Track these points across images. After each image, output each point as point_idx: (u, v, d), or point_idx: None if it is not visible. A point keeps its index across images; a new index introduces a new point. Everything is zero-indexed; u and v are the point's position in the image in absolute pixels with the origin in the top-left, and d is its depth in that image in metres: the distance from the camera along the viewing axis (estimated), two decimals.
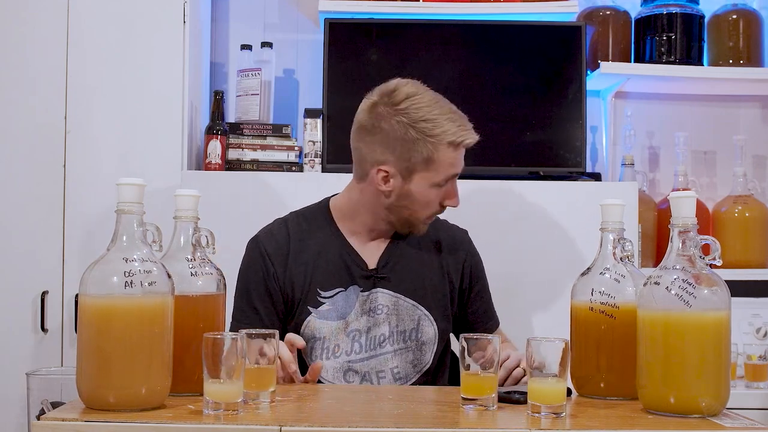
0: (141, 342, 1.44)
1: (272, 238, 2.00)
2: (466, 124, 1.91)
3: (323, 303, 1.95)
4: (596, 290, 1.64)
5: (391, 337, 1.95)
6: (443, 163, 1.89)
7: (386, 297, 1.96)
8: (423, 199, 1.92)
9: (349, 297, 1.95)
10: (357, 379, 1.94)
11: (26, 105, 2.62)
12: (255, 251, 2.00)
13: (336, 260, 1.97)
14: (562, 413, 1.44)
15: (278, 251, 1.98)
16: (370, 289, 1.96)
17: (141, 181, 1.51)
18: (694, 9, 2.92)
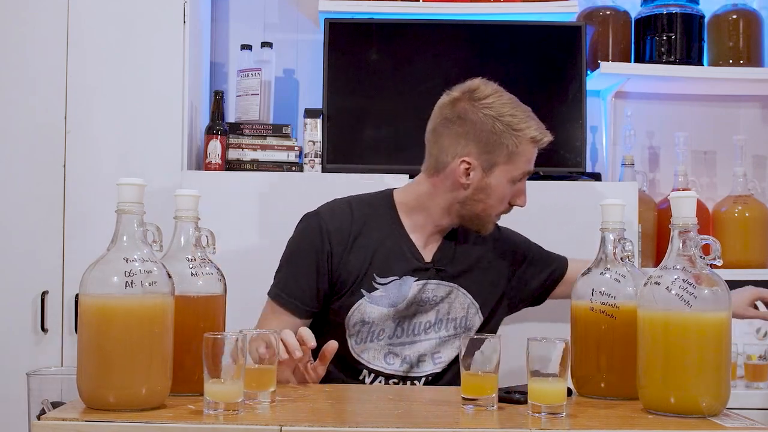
0: (141, 342, 1.44)
1: (335, 217, 2.02)
2: (542, 124, 1.98)
3: (377, 289, 1.98)
4: (596, 290, 1.64)
5: (438, 323, 2.00)
6: (523, 158, 1.96)
7: (441, 288, 2.00)
8: (499, 193, 1.98)
9: (402, 286, 1.98)
10: (397, 362, 1.98)
11: (26, 105, 2.62)
12: (314, 226, 2.01)
13: (395, 250, 2.00)
14: (562, 413, 1.44)
15: (340, 231, 2.00)
16: (426, 279, 2.00)
17: (141, 181, 1.51)
18: (694, 9, 2.92)
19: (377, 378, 1.98)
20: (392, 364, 1.98)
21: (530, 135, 1.95)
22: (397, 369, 1.98)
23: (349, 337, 1.98)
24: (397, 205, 2.06)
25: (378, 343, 1.97)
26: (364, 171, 2.60)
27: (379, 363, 1.97)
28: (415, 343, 1.99)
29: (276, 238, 2.12)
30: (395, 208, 2.05)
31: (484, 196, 1.97)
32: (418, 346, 1.99)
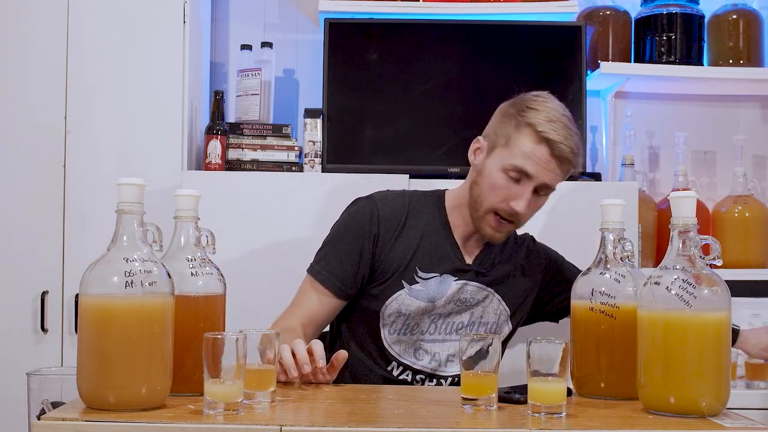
0: (141, 342, 1.44)
1: (387, 203, 2.02)
2: (563, 132, 1.89)
3: (418, 282, 1.98)
4: (596, 290, 1.64)
5: (470, 326, 2.01)
6: (519, 148, 1.90)
7: (479, 291, 2.01)
8: (490, 179, 1.93)
9: (442, 284, 1.99)
10: (426, 358, 1.99)
11: (26, 105, 2.62)
12: (366, 209, 2.01)
13: (440, 247, 2.01)
14: (562, 413, 1.44)
15: (392, 217, 2.01)
16: (465, 281, 2.00)
17: (141, 181, 1.51)
18: (694, 9, 2.92)
19: (405, 371, 1.99)
20: (421, 360, 1.99)
21: (532, 125, 1.89)
22: (425, 365, 1.99)
23: (382, 327, 1.98)
24: (446, 201, 2.07)
25: (411, 337, 1.98)
26: (364, 171, 2.60)
27: (410, 358, 1.99)
28: (446, 342, 2.00)
29: (276, 238, 2.12)
30: (444, 206, 2.06)
31: (481, 179, 1.96)
32: (448, 346, 2.00)
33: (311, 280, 2.00)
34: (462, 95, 2.78)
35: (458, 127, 2.75)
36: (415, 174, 2.64)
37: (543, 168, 1.89)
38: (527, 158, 1.89)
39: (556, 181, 1.93)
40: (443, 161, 2.72)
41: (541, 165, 1.89)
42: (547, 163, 1.89)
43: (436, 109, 2.75)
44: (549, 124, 1.89)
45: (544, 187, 1.93)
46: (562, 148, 1.88)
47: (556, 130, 1.89)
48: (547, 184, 1.92)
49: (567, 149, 1.89)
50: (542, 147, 1.89)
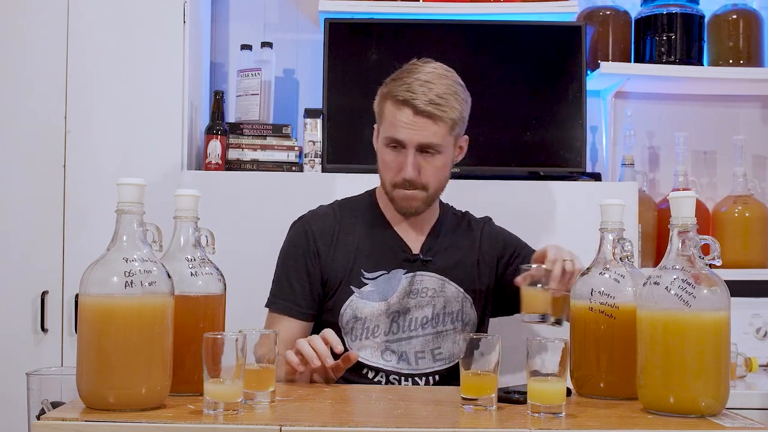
0: (141, 342, 1.44)
1: (319, 219, 2.06)
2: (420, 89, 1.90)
3: (366, 284, 1.99)
4: (596, 290, 1.64)
5: (435, 318, 2.00)
6: (386, 118, 1.95)
7: (432, 280, 2.00)
8: (380, 158, 1.99)
9: (392, 279, 1.99)
10: (394, 358, 1.98)
11: (26, 105, 2.61)
12: (300, 230, 2.06)
13: (381, 243, 2.02)
14: (562, 413, 1.44)
15: (324, 230, 2.03)
16: (415, 271, 2.00)
17: (141, 181, 1.51)
18: (694, 9, 2.92)
19: (378, 374, 1.98)
20: (390, 361, 1.98)
21: (390, 89, 1.93)
22: (395, 366, 1.98)
23: (345, 336, 1.98)
24: (378, 200, 2.07)
25: (374, 341, 1.98)
26: (364, 171, 2.60)
27: (378, 360, 1.97)
28: (412, 339, 1.99)
29: (276, 238, 2.12)
30: (377, 202, 2.07)
31: (379, 162, 2.00)
32: (414, 342, 1.99)
33: (271, 314, 2.02)
34: None
35: None
36: None
37: (410, 130, 1.91)
38: (394, 126, 1.92)
39: (437, 137, 1.92)
40: None
41: (407, 128, 1.91)
42: (413, 124, 1.90)
43: None
44: (404, 86, 1.91)
45: (427, 147, 1.92)
46: (420, 104, 1.89)
47: (411, 90, 1.90)
48: (427, 143, 1.91)
49: (426, 102, 1.89)
50: (403, 110, 1.91)
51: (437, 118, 1.90)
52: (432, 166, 1.95)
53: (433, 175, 1.96)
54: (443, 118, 1.91)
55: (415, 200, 1.98)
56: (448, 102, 1.92)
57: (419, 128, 1.90)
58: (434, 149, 1.93)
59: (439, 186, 2.00)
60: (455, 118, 1.93)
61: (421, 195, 1.97)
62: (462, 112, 1.96)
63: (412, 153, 1.92)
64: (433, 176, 1.96)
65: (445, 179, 2.02)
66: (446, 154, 1.97)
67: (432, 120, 1.90)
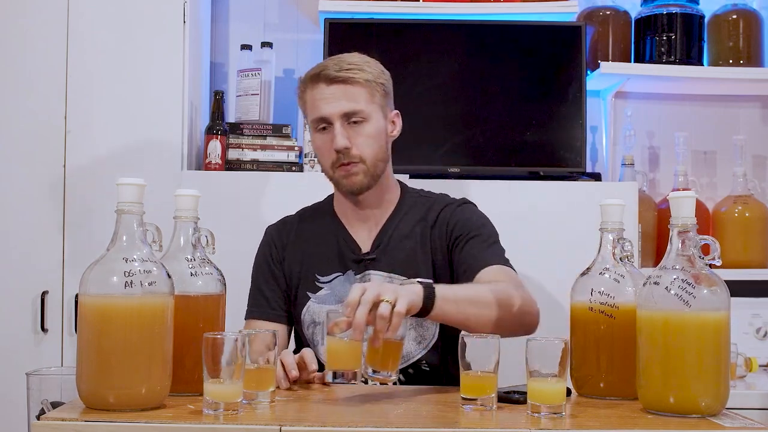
0: (141, 342, 1.44)
1: (278, 228, 2.08)
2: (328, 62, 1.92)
3: (321, 288, 1.98)
4: (596, 290, 1.64)
5: None
6: (307, 105, 1.94)
7: (380, 278, 1.95)
8: (315, 146, 1.98)
9: (347, 281, 1.97)
10: None
11: (26, 105, 2.62)
12: (264, 241, 2.08)
13: (332, 245, 2.00)
14: (562, 413, 1.44)
15: (282, 237, 2.05)
16: (363, 271, 1.96)
17: (141, 181, 1.51)
18: (694, 9, 2.92)
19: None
20: None
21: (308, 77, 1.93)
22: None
23: (309, 343, 1.98)
24: (334, 201, 2.06)
25: None
26: None
27: None
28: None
29: None
30: (333, 204, 2.06)
31: (317, 155, 2.00)
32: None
33: (248, 322, 2.01)
34: (462, 95, 2.78)
35: (458, 127, 2.75)
36: (415, 174, 2.65)
37: (328, 101, 1.90)
38: (315, 105, 1.92)
39: (357, 102, 1.90)
40: (443, 161, 2.72)
41: (325, 100, 1.90)
42: (330, 95, 1.90)
43: (436, 109, 2.75)
44: (316, 66, 1.94)
45: (351, 115, 1.90)
46: (330, 72, 1.90)
47: (321, 65, 1.93)
48: (348, 111, 1.89)
49: (337, 69, 1.90)
50: (317, 86, 1.91)
51: (352, 81, 1.90)
52: (362, 134, 1.91)
53: (366, 144, 1.92)
54: (357, 80, 1.90)
55: (356, 175, 1.92)
56: (360, 66, 1.92)
57: (337, 97, 1.90)
58: (359, 115, 1.90)
59: (376, 157, 1.93)
60: (370, 79, 1.92)
61: (361, 168, 1.92)
62: (379, 78, 1.94)
63: (339, 124, 1.89)
64: (366, 145, 1.92)
65: (382, 151, 1.95)
66: (374, 121, 1.93)
67: (347, 84, 1.90)
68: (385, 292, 1.53)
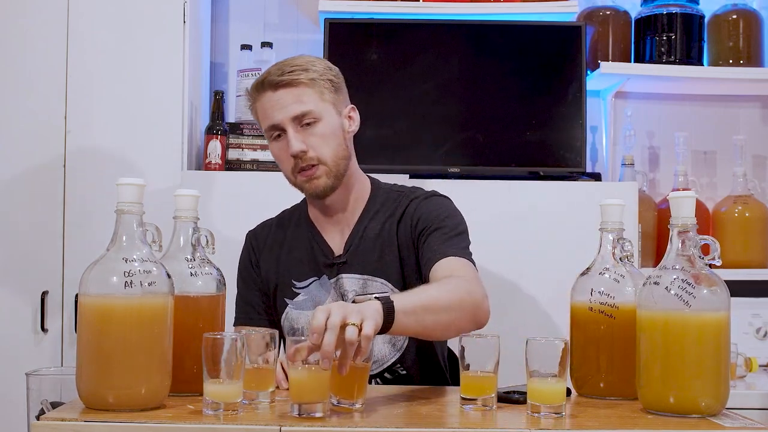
0: (141, 342, 1.44)
1: (257, 233, 2.07)
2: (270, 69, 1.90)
3: (298, 294, 1.96)
4: (596, 290, 1.64)
5: None
6: (258, 114, 1.92)
7: (352, 281, 1.93)
8: (273, 156, 1.96)
9: (323, 285, 1.95)
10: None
11: (26, 105, 2.61)
12: (245, 246, 2.08)
13: (306, 250, 1.98)
14: (562, 413, 1.44)
15: (260, 243, 2.04)
16: (336, 275, 1.94)
17: (141, 181, 1.51)
18: (694, 9, 2.92)
19: None
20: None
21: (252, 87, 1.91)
22: None
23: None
24: (308, 205, 2.03)
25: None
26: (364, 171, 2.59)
27: None
28: None
29: None
30: (306, 208, 2.04)
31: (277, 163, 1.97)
32: None
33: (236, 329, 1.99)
34: (462, 95, 2.78)
35: (458, 127, 2.75)
36: (414, 174, 2.65)
37: (276, 107, 1.87)
38: (264, 115, 1.90)
39: (305, 103, 1.87)
40: (443, 161, 2.72)
41: (273, 108, 1.88)
42: (277, 100, 1.87)
43: (436, 109, 2.75)
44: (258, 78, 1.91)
45: (301, 118, 1.87)
46: (274, 78, 1.87)
47: (263, 73, 1.90)
48: (298, 113, 1.86)
49: (279, 74, 1.87)
50: (263, 95, 1.89)
51: (297, 83, 1.87)
52: (316, 135, 1.87)
53: (322, 144, 1.88)
54: (302, 80, 1.87)
55: (318, 178, 1.89)
56: (303, 66, 1.89)
57: (285, 101, 1.87)
58: (310, 116, 1.87)
59: (336, 155, 1.89)
60: (316, 78, 1.88)
61: (323, 170, 1.89)
62: (324, 75, 1.90)
63: (291, 129, 1.86)
64: (323, 145, 1.88)
65: (342, 149, 1.91)
66: (328, 120, 1.89)
67: (292, 87, 1.87)
68: (351, 315, 1.44)
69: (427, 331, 1.67)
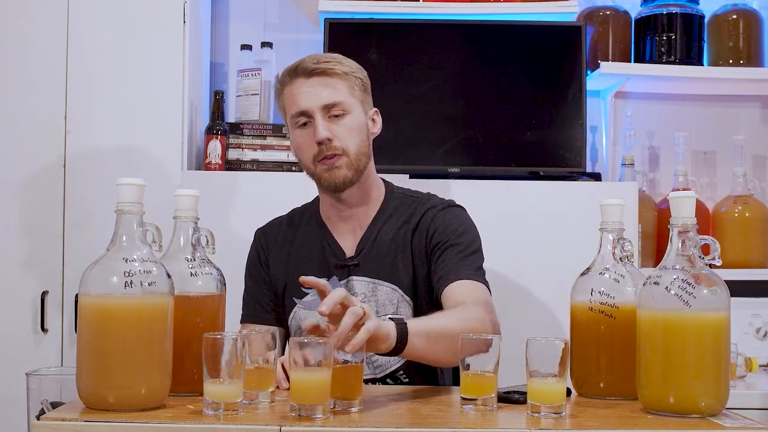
0: (141, 342, 1.44)
1: (267, 231, 2.07)
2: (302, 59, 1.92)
3: (307, 293, 1.94)
4: (596, 290, 1.64)
5: None
6: (286, 101, 1.93)
7: (363, 284, 1.94)
8: (295, 143, 1.94)
9: (332, 286, 1.91)
10: None
11: (26, 105, 2.61)
12: (254, 243, 2.08)
13: (317, 251, 1.98)
14: (562, 413, 1.44)
15: (270, 241, 2.04)
16: (346, 277, 1.94)
17: (141, 181, 1.51)
18: (694, 9, 2.92)
19: None
20: None
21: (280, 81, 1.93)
22: None
23: None
24: (320, 204, 2.03)
25: None
26: None
27: None
28: None
29: None
30: (318, 207, 2.04)
31: (296, 153, 1.97)
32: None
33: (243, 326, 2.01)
34: (462, 95, 2.78)
35: (458, 127, 2.75)
36: (415, 174, 2.65)
37: (308, 94, 1.89)
38: (293, 101, 1.91)
39: (336, 94, 1.89)
40: (443, 161, 2.72)
41: (304, 94, 1.89)
42: (308, 88, 1.89)
43: (436, 109, 2.75)
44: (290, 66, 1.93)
45: (331, 107, 1.89)
46: (308, 65, 1.89)
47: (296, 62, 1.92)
48: (328, 103, 1.88)
49: (314, 62, 1.89)
50: (296, 80, 1.91)
51: (331, 73, 1.89)
52: (343, 127, 1.89)
53: (348, 137, 1.89)
54: (336, 72, 1.90)
55: (339, 168, 1.89)
56: (338, 59, 1.93)
57: (317, 89, 1.89)
58: (340, 107, 1.89)
59: (359, 150, 1.91)
60: (348, 72, 1.91)
61: (344, 161, 1.89)
62: (357, 73, 1.94)
63: (320, 117, 1.88)
64: (348, 137, 1.89)
65: (365, 146, 1.93)
66: (356, 115, 1.91)
67: (325, 76, 1.89)
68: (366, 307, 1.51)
69: (436, 357, 1.69)
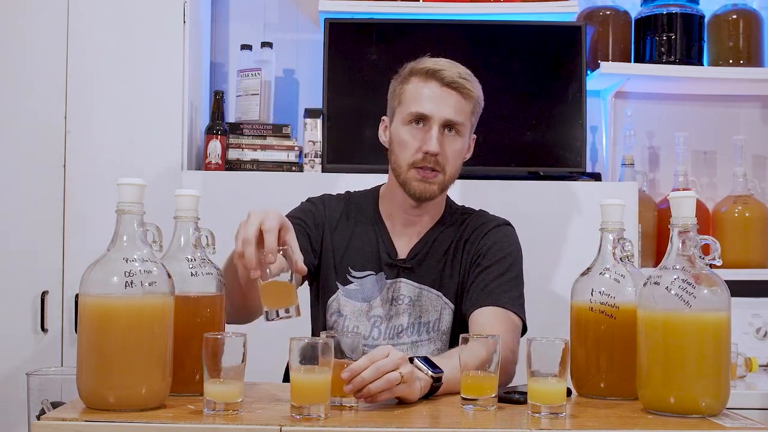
0: (141, 342, 1.44)
1: (327, 203, 2.02)
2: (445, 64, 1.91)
3: (352, 282, 1.96)
4: (596, 290, 1.64)
5: (410, 328, 1.95)
6: (410, 94, 1.91)
7: (409, 287, 1.95)
8: (398, 138, 1.92)
9: (377, 282, 1.96)
10: None
11: (26, 105, 2.62)
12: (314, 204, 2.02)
13: (371, 243, 1.98)
14: (562, 413, 1.44)
15: (331, 215, 2.00)
16: (395, 278, 1.96)
17: (141, 181, 1.51)
18: (694, 9, 2.92)
19: None
20: None
21: (413, 67, 1.92)
22: None
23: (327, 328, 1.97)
24: (380, 198, 2.04)
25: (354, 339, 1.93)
26: (364, 171, 2.60)
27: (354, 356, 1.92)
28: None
29: None
30: (378, 201, 2.04)
31: (392, 146, 1.95)
32: None
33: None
34: None
35: None
36: None
37: (438, 103, 1.88)
38: (419, 100, 1.89)
39: (460, 114, 1.89)
40: None
41: (433, 100, 1.89)
42: (440, 97, 1.88)
43: None
44: (430, 63, 1.92)
45: (451, 125, 1.89)
46: (448, 75, 1.88)
47: (438, 64, 1.91)
48: (451, 120, 1.89)
49: (455, 74, 1.89)
50: (429, 83, 1.90)
51: (465, 93, 1.90)
52: (452, 147, 1.91)
53: (453, 157, 1.91)
54: (470, 94, 1.91)
55: (432, 184, 1.91)
56: (472, 79, 1.92)
57: (446, 102, 1.88)
58: (457, 128, 1.90)
59: (454, 173, 1.94)
60: (476, 97, 1.92)
61: (440, 178, 1.91)
62: (480, 100, 1.95)
63: (437, 127, 1.88)
64: (452, 158, 1.91)
65: (458, 168, 1.95)
66: (464, 138, 1.93)
67: (459, 94, 1.89)
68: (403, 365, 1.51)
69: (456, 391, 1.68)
